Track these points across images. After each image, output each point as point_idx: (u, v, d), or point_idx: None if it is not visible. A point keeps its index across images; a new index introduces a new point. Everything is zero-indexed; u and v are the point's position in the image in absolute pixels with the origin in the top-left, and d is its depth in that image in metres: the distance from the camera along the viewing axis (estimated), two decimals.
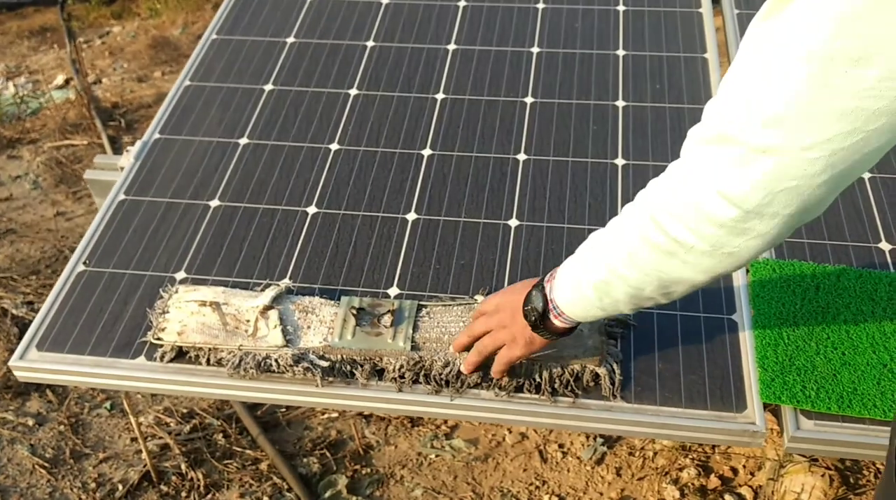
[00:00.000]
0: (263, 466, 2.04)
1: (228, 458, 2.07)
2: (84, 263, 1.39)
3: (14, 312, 2.58)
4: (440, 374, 1.21)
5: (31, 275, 2.82)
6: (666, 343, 1.23)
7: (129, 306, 1.33)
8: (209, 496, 1.97)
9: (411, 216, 1.43)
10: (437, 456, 2.04)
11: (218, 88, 1.69)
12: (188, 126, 1.61)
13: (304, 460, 2.05)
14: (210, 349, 1.25)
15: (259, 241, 1.41)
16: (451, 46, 1.73)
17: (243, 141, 1.58)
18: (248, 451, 2.09)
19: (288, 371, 1.22)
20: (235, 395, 1.25)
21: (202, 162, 1.55)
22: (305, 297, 1.31)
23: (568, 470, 1.97)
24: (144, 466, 2.02)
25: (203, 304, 1.28)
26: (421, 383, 1.21)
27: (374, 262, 1.37)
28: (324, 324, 1.26)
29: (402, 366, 1.21)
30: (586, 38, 1.72)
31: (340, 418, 2.19)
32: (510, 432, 2.09)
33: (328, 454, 2.07)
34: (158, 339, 1.27)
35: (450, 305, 1.29)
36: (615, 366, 1.20)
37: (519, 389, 1.19)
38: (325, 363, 1.22)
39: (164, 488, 1.99)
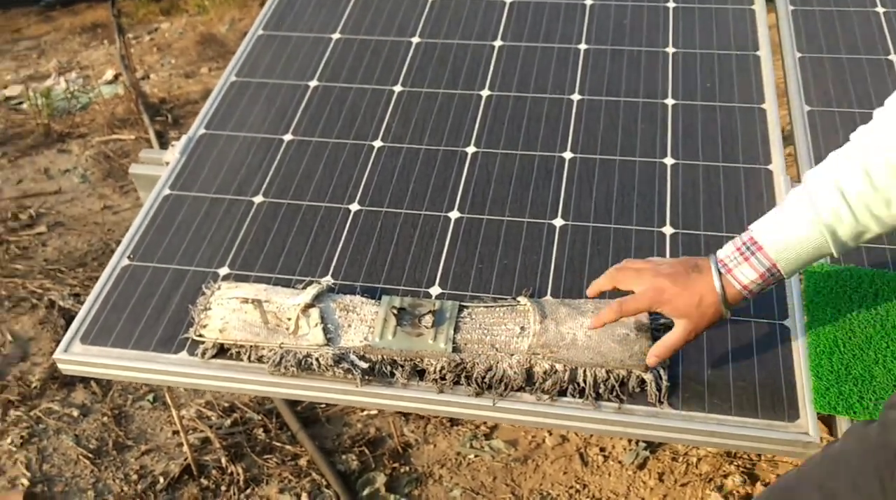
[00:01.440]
0: (303, 462, 2.04)
1: (268, 453, 2.07)
2: (129, 257, 1.39)
3: (61, 303, 2.61)
4: (482, 377, 1.18)
5: (78, 267, 2.85)
6: (715, 349, 1.19)
7: (172, 300, 1.33)
8: (249, 490, 1.97)
9: (454, 215, 1.41)
10: (476, 457, 2.02)
11: (263, 84, 1.68)
12: (233, 122, 1.61)
13: (343, 457, 2.04)
14: (251, 347, 1.24)
15: (302, 237, 1.40)
16: (497, 43, 1.70)
17: (287, 137, 1.57)
18: (287, 446, 2.09)
19: (328, 371, 1.21)
20: (276, 392, 1.24)
21: (246, 158, 1.54)
22: (346, 295, 1.29)
23: (609, 474, 1.94)
24: (185, 459, 2.03)
25: (245, 301, 1.26)
26: (462, 384, 1.19)
27: (415, 260, 1.35)
28: (364, 323, 1.24)
29: (443, 367, 1.19)
30: (635, 35, 1.68)
31: (379, 415, 2.18)
32: (550, 434, 2.06)
33: (367, 451, 2.06)
34: (200, 335, 1.26)
35: (492, 306, 1.27)
36: (662, 372, 1.16)
37: (562, 393, 1.17)
38: (365, 364, 1.21)
39: (204, 481, 1.99)
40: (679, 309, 1.06)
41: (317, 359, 1.21)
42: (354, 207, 1.43)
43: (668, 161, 1.45)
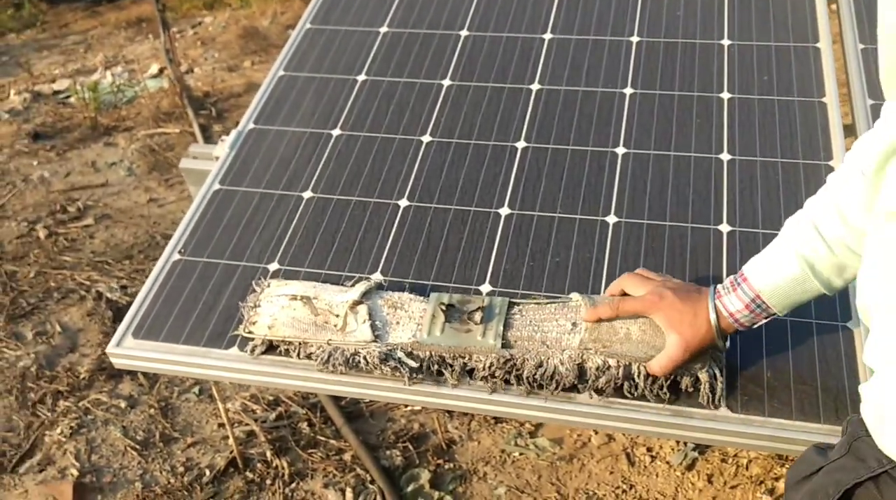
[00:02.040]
0: (347, 457, 2.04)
1: (313, 447, 2.07)
2: (179, 251, 1.40)
3: (108, 295, 2.63)
4: (532, 374, 1.16)
5: (125, 260, 2.88)
6: (775, 350, 1.16)
7: (222, 296, 1.32)
8: (294, 484, 1.98)
9: (504, 211, 1.39)
10: (521, 454, 2.00)
11: (311, 79, 1.67)
12: (282, 116, 1.60)
13: (387, 452, 2.04)
14: (300, 343, 1.24)
15: (351, 233, 1.39)
16: (547, 36, 1.68)
17: (336, 132, 1.56)
18: (332, 441, 2.09)
19: (375, 369, 1.20)
20: (326, 388, 1.23)
21: (295, 153, 1.53)
22: (395, 292, 1.28)
23: (656, 475, 1.91)
24: (231, 452, 2.04)
25: (294, 298, 1.26)
26: (512, 383, 1.17)
27: (465, 257, 1.33)
28: (413, 320, 1.23)
29: (492, 364, 1.17)
30: (689, 27, 1.64)
31: (423, 411, 2.17)
32: (596, 433, 2.04)
33: (411, 447, 2.05)
34: (250, 332, 1.26)
35: (543, 303, 1.24)
36: (717, 372, 1.13)
37: (618, 389, 1.15)
38: (413, 363, 1.20)
39: (249, 474, 2.00)
40: (672, 319, 1.09)
41: (364, 357, 1.20)
42: (403, 202, 1.42)
43: (725, 157, 1.41)
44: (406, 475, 1.98)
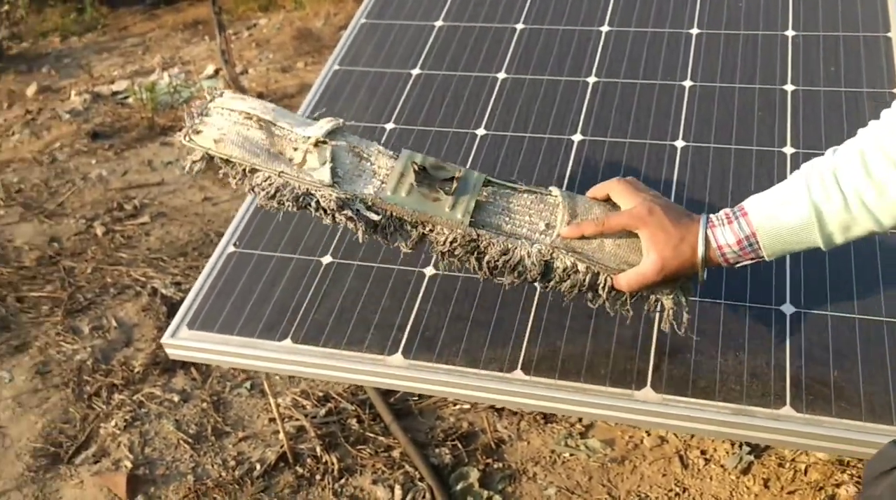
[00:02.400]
0: (396, 454, 2.02)
1: (362, 444, 2.06)
2: (234, 244, 1.40)
3: (163, 291, 2.66)
4: (495, 260, 1.05)
5: (180, 257, 2.91)
6: (842, 349, 1.11)
7: (276, 288, 1.32)
8: (343, 480, 1.97)
9: None
10: (571, 455, 1.97)
11: (366, 73, 1.67)
12: (337, 110, 1.60)
13: (436, 450, 2.02)
14: (245, 169, 1.08)
15: None
16: (605, 28, 1.65)
17: (390, 126, 1.55)
18: (380, 437, 2.08)
19: (327, 216, 1.07)
20: (375, 381, 1.22)
21: None
22: (364, 140, 1.14)
23: (710, 478, 1.86)
24: (281, 447, 2.04)
25: (249, 117, 1.09)
26: (471, 266, 1.07)
27: None
28: (377, 177, 1.09)
29: (454, 240, 1.05)
30: (751, 18, 1.60)
31: (472, 410, 2.15)
32: (648, 434, 1.99)
33: (460, 445, 2.03)
34: (190, 141, 1.10)
35: (520, 189, 1.10)
36: (684, 300, 1.05)
37: (580, 294, 1.06)
38: (374, 215, 1.06)
39: (299, 469, 2.00)
40: (657, 238, 1.02)
41: (318, 200, 1.07)
42: None
43: (788, 151, 1.37)
44: (455, 473, 1.95)
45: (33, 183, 3.33)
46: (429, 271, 1.31)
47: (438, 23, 1.74)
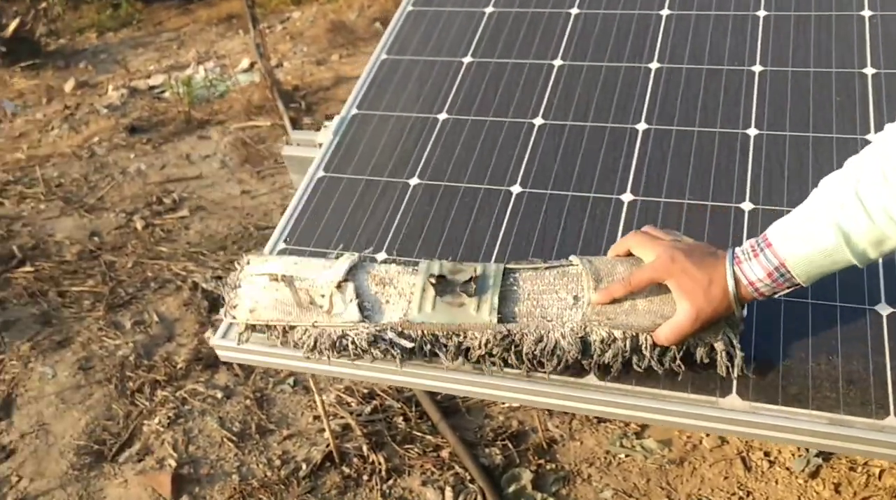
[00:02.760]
0: (445, 454, 1.94)
1: (409, 443, 1.98)
2: (285, 240, 1.32)
3: (204, 286, 2.60)
4: (532, 350, 1.03)
5: (219, 250, 2.84)
6: None
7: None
8: (391, 481, 1.89)
9: (627, 197, 1.26)
10: (627, 456, 1.88)
11: (415, 62, 1.58)
12: (386, 101, 1.51)
13: (486, 450, 1.94)
14: (283, 328, 1.12)
15: (462, 221, 1.29)
16: (665, 12, 1.54)
17: (442, 116, 1.46)
18: (428, 437, 2.00)
19: (365, 353, 1.08)
20: (422, 384, 1.13)
21: (401, 138, 1.44)
22: (382, 266, 1.15)
23: (776, 482, 1.76)
24: (327, 446, 1.97)
25: (275, 278, 1.13)
26: (512, 363, 1.05)
27: (586, 247, 1.21)
28: (403, 297, 1.10)
29: (488, 341, 1.04)
30: (823, 1, 1.49)
31: (522, 408, 2.06)
32: (707, 435, 1.90)
33: (510, 445, 1.94)
34: (233, 318, 1.15)
35: (541, 268, 1.08)
36: (734, 340, 1.00)
37: (626, 364, 1.03)
38: (407, 342, 1.07)
39: (346, 469, 1.93)
40: (685, 286, 0.97)
41: (353, 340, 1.09)
42: (516, 189, 1.31)
43: (871, 137, 1.26)
44: (507, 474, 1.87)
45: (73, 177, 3.29)
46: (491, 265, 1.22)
47: (489, 9, 1.65)
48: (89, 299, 2.57)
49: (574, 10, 1.58)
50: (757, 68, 1.40)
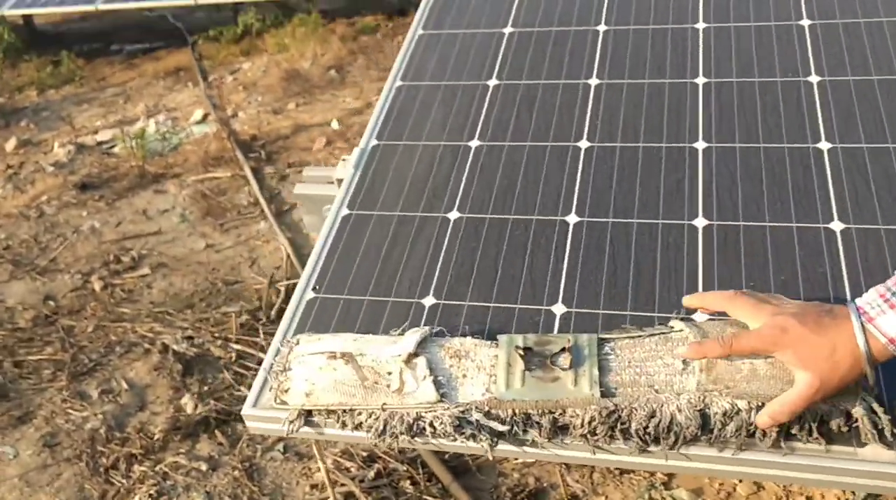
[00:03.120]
0: None
1: None
2: (314, 289, 1.12)
3: (175, 347, 2.36)
4: (644, 427, 0.90)
5: (186, 309, 2.60)
6: None
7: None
8: None
9: (700, 222, 1.11)
10: None
11: (435, 87, 1.41)
12: (408, 130, 1.34)
13: None
14: (345, 412, 0.97)
15: (516, 258, 1.11)
16: (700, 25, 1.41)
17: (475, 143, 1.30)
18: None
19: (447, 437, 0.94)
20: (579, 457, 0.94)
21: (431, 169, 1.26)
22: (455, 338, 1.01)
23: None
24: None
25: (333, 356, 0.99)
26: (619, 439, 0.91)
27: (666, 279, 1.05)
28: (482, 371, 0.97)
29: (592, 419, 0.91)
30: (868, 6, 1.38)
31: (536, 463, 1.87)
32: (740, 481, 1.74)
33: None
34: (282, 402, 0.99)
35: (639, 336, 0.97)
36: (874, 403, 0.87)
37: (750, 436, 0.88)
38: (498, 425, 0.93)
39: None
40: (804, 357, 0.83)
41: (430, 423, 0.95)
42: (572, 218, 1.15)
43: None
44: None
45: (21, 239, 3.01)
46: (559, 307, 1.04)
47: (508, 29, 1.49)
48: (49, 369, 2.30)
49: (601, 28, 1.44)
50: (814, 79, 1.27)
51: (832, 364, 0.81)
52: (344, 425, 0.97)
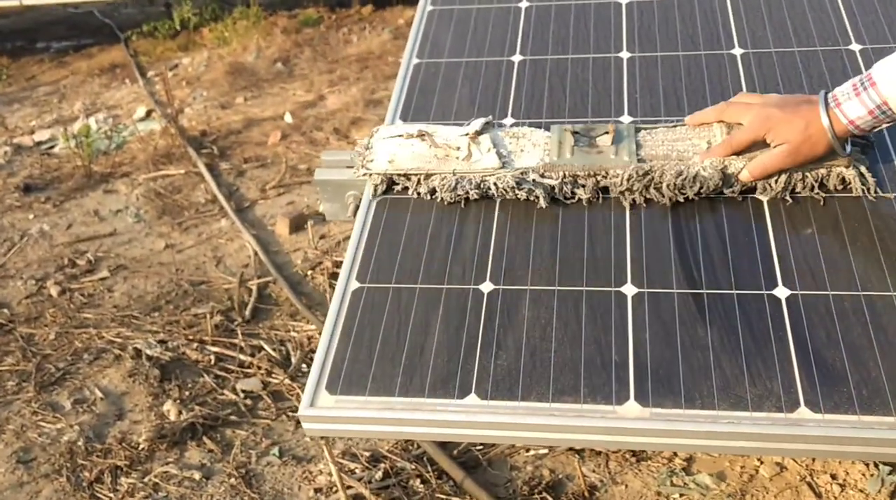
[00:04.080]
0: None
1: None
2: (358, 278, 1.03)
3: (149, 352, 2.21)
4: (673, 182, 1.05)
5: (153, 312, 2.46)
6: None
7: (432, 326, 0.96)
8: None
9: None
10: (681, 496, 1.66)
11: (456, 64, 1.33)
12: (434, 108, 1.25)
13: None
14: (422, 176, 1.12)
15: (577, 238, 1.05)
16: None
17: (509, 121, 1.22)
18: (454, 499, 1.72)
19: (508, 193, 1.09)
20: (613, 441, 0.88)
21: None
22: (513, 127, 1.19)
23: None
24: None
25: (410, 135, 1.14)
26: (652, 197, 1.07)
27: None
28: (538, 147, 1.13)
29: (630, 177, 1.07)
30: None
31: (550, 454, 1.81)
32: (761, 462, 1.71)
33: (549, 497, 1.69)
34: (367, 170, 1.14)
35: (672, 125, 1.13)
36: (864, 169, 1.05)
37: (752, 190, 1.06)
38: (550, 180, 1.08)
39: None
40: (783, 133, 1.02)
41: (494, 183, 1.10)
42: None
43: None
44: None
45: None
46: (629, 290, 0.98)
47: (525, 3, 1.42)
48: (13, 380, 2.13)
49: (624, 0, 1.38)
50: (855, 47, 1.24)
51: (805, 137, 1.00)
52: (419, 188, 1.12)
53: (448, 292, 0.99)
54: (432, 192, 1.11)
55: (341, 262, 2.63)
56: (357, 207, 1.22)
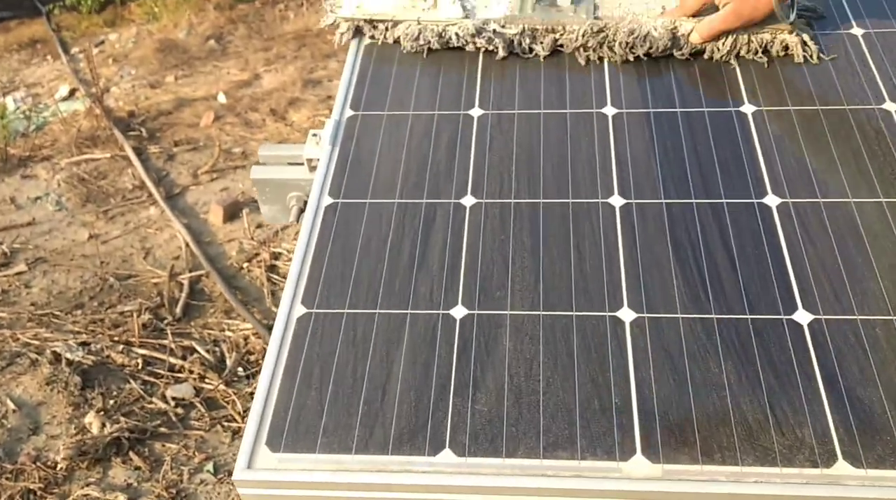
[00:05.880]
0: None
1: None
2: (303, 302, 0.83)
3: (69, 356, 1.97)
4: (625, 40, 1.07)
5: (75, 310, 2.21)
6: None
7: (394, 362, 0.77)
8: None
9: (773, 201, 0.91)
10: None
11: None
12: (389, 99, 1.06)
13: None
14: (388, 22, 1.13)
15: (559, 234, 0.87)
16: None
17: (477, 112, 1.03)
18: None
19: (469, 43, 1.10)
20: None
21: (429, 142, 0.99)
22: None
23: None
24: None
25: None
26: (607, 56, 1.09)
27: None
28: (501, 4, 1.13)
29: (585, 32, 1.08)
30: None
31: None
32: None
33: None
34: (335, 15, 1.14)
35: None
36: (808, 37, 1.06)
37: (701, 53, 1.07)
38: (510, 30, 1.09)
39: None
40: None
41: (455, 33, 1.11)
42: (616, 201, 0.91)
43: None
44: None
45: None
46: (626, 314, 0.81)
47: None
48: None
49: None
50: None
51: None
52: (386, 34, 1.12)
53: (413, 319, 0.80)
54: (396, 41, 1.11)
55: (280, 253, 2.42)
56: (301, 211, 1.02)
